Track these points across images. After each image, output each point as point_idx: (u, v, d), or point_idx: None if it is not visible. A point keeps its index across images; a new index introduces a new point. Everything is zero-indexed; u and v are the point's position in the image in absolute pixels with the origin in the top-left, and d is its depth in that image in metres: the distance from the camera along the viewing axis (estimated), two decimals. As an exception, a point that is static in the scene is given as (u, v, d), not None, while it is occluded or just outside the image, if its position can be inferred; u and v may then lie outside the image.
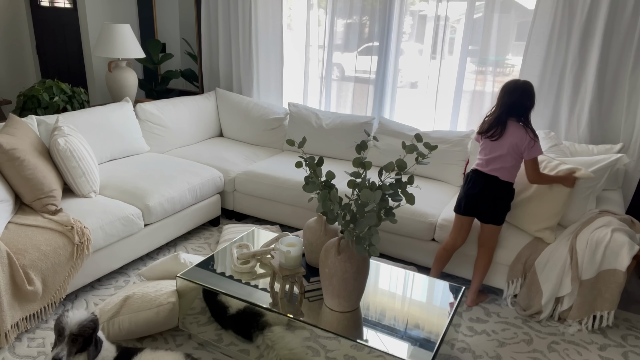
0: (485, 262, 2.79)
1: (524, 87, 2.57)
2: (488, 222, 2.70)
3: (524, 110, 2.59)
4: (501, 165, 2.62)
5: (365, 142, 1.93)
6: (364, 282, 2.02)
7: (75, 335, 1.84)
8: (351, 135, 3.85)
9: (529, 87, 2.58)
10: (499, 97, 2.63)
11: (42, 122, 3.14)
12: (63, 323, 1.84)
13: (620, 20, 3.04)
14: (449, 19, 3.63)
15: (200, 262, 2.43)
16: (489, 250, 2.78)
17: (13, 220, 2.57)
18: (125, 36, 4.09)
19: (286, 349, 2.07)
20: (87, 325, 1.86)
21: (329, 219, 1.90)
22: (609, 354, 2.51)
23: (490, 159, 2.65)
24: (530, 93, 2.58)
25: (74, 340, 1.84)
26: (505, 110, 2.59)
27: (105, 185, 3.15)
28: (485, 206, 2.68)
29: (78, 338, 1.84)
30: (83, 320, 1.86)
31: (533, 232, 2.79)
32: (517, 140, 2.56)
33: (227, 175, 3.68)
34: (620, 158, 2.86)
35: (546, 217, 2.74)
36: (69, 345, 1.83)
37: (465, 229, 2.80)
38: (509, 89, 2.59)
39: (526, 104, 2.59)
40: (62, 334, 1.83)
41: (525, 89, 2.57)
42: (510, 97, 2.58)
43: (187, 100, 4.23)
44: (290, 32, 4.35)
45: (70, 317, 1.85)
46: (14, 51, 5.62)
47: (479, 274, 2.81)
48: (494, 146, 2.63)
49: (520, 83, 2.58)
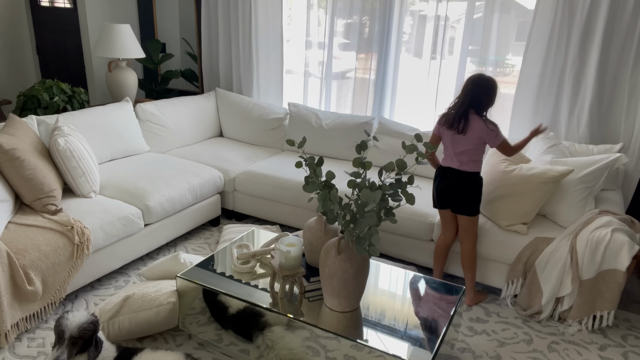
0: (470, 257, 2.82)
1: (490, 83, 2.60)
2: (463, 213, 2.74)
3: (485, 104, 2.63)
4: (468, 158, 2.67)
5: (365, 142, 1.93)
6: (364, 282, 2.02)
7: (75, 338, 1.83)
8: (351, 135, 3.85)
9: (494, 83, 2.62)
10: (465, 88, 2.65)
11: (42, 122, 3.14)
12: (63, 326, 1.83)
13: (620, 20, 3.04)
14: (449, 19, 3.63)
15: (200, 262, 2.43)
16: (470, 244, 2.80)
17: (13, 220, 2.57)
18: (125, 36, 4.09)
19: (286, 349, 2.07)
20: (87, 328, 1.86)
21: (329, 219, 1.90)
22: (609, 354, 2.51)
23: (457, 153, 2.69)
24: (495, 89, 2.62)
25: (74, 343, 1.84)
26: (470, 102, 2.63)
27: (105, 185, 3.15)
28: (457, 199, 2.73)
29: (78, 340, 1.84)
30: (83, 322, 1.85)
31: (505, 226, 2.85)
32: (479, 133, 2.61)
33: (227, 175, 3.68)
34: (619, 158, 2.86)
35: (521, 214, 2.81)
36: (69, 347, 1.82)
37: (449, 221, 2.84)
38: (475, 80, 2.62)
39: (490, 99, 2.63)
40: (62, 337, 1.82)
41: (491, 84, 2.61)
42: (477, 89, 2.60)
43: (187, 100, 4.23)
44: (290, 32, 4.35)
45: (70, 319, 1.84)
46: (14, 51, 5.62)
47: (468, 271, 2.84)
48: (460, 141, 2.66)
49: (486, 77, 2.61)
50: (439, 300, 2.22)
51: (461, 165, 2.69)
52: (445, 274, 3.17)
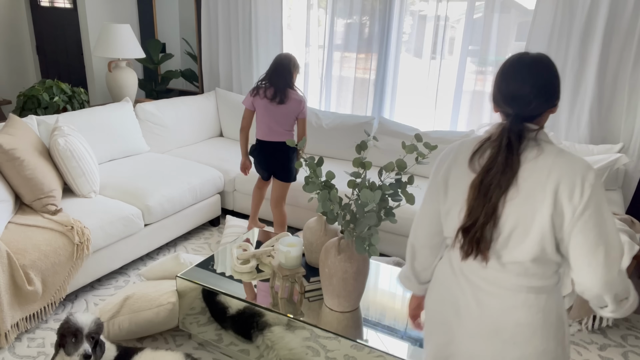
0: (282, 219, 3.22)
1: (289, 58, 2.98)
2: (285, 180, 3.13)
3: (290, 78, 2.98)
4: (285, 130, 3.02)
5: (365, 142, 1.93)
6: (364, 282, 2.02)
7: (92, 334, 1.87)
8: (351, 135, 3.85)
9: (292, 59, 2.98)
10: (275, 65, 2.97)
11: (42, 122, 3.14)
12: (79, 323, 1.85)
13: (620, 20, 3.04)
14: (449, 19, 3.63)
15: (200, 262, 2.43)
16: (282, 208, 3.22)
17: (13, 220, 2.57)
18: (125, 36, 4.09)
19: (286, 349, 2.07)
20: (100, 325, 1.91)
21: (329, 219, 1.90)
22: (609, 354, 2.51)
23: (273, 127, 3.01)
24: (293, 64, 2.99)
25: (92, 338, 1.87)
26: (286, 76, 2.95)
27: (105, 185, 3.15)
28: (280, 168, 3.11)
29: (94, 336, 1.88)
30: (95, 319, 1.90)
31: None
32: (296, 105, 2.97)
33: (227, 175, 3.68)
34: (619, 158, 2.86)
35: None
36: (88, 341, 1.85)
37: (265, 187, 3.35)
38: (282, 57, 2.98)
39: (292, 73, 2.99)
40: (79, 334, 1.84)
41: (291, 60, 2.97)
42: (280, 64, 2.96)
43: (187, 100, 4.23)
44: (290, 32, 4.35)
45: (82, 318, 1.87)
46: (14, 51, 5.62)
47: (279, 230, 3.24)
48: (276, 114, 2.98)
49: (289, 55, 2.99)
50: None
51: (280, 137, 3.05)
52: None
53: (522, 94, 1.20)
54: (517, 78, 1.21)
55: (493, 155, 1.23)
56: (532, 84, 1.20)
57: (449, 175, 1.33)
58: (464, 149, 1.32)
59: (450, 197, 1.32)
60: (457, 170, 1.31)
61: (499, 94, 1.25)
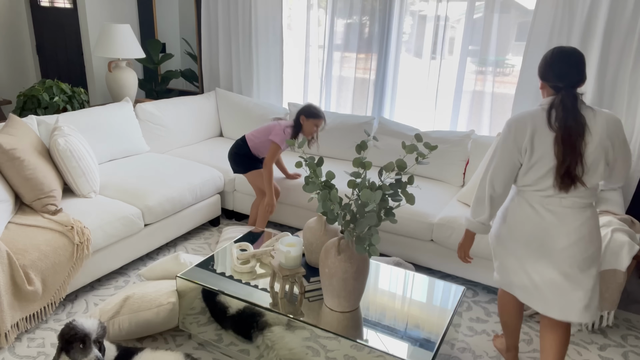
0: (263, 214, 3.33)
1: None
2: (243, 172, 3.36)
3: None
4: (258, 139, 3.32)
5: (365, 142, 1.93)
6: (364, 282, 2.02)
7: (99, 338, 1.87)
8: (351, 135, 3.85)
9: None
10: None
11: (42, 122, 3.14)
12: (87, 329, 1.84)
13: (620, 20, 3.04)
14: (449, 19, 3.63)
15: (200, 262, 2.43)
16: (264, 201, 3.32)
17: (13, 220, 2.57)
18: (125, 36, 4.09)
19: (286, 349, 2.07)
20: (105, 328, 1.91)
21: (329, 219, 1.90)
22: (609, 354, 2.51)
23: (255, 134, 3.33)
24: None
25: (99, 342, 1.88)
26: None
27: (105, 185, 3.15)
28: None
29: (100, 340, 1.88)
30: (100, 323, 1.90)
31: None
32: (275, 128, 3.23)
33: (227, 175, 3.68)
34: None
35: None
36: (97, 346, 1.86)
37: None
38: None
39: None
40: (87, 340, 1.83)
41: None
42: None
43: (187, 100, 4.23)
44: (290, 32, 4.35)
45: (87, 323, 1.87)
46: (14, 51, 5.62)
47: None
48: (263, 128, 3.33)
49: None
50: (439, 300, 2.22)
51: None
52: (445, 274, 3.17)
53: (570, 72, 1.84)
54: (566, 61, 1.85)
55: (565, 116, 1.82)
56: (575, 65, 1.84)
57: (533, 138, 1.86)
58: (537, 118, 1.87)
59: (537, 154, 1.86)
60: (540, 132, 1.85)
61: (552, 72, 1.87)
